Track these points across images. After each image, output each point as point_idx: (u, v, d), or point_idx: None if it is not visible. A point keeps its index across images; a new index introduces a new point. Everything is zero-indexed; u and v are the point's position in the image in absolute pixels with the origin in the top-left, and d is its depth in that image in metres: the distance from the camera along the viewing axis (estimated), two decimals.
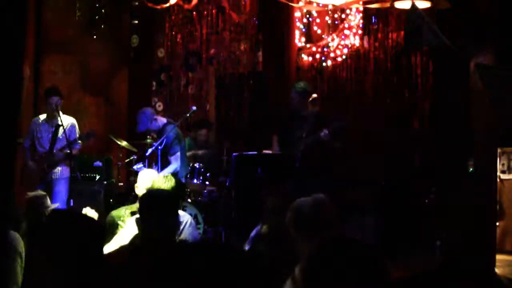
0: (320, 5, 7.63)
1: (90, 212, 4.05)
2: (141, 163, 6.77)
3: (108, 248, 4.11)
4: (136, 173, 6.66)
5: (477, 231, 6.25)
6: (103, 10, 7.80)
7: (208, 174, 7.50)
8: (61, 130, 6.60)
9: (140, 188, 4.38)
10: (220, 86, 9.09)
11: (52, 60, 8.16)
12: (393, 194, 7.33)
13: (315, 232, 2.97)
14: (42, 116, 6.86)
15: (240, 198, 7.31)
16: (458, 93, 7.06)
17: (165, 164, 6.74)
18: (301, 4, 7.87)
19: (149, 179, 4.32)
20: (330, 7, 7.70)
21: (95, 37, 8.08)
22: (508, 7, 6.12)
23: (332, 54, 8.15)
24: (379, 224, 6.93)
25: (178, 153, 6.76)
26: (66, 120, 6.70)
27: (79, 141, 6.71)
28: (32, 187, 6.81)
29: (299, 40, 8.17)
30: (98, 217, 4.13)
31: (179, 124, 7.08)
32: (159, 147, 6.56)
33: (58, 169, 6.72)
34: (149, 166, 6.81)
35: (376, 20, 7.91)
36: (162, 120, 7.04)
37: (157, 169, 6.49)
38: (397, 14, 7.51)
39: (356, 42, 8.06)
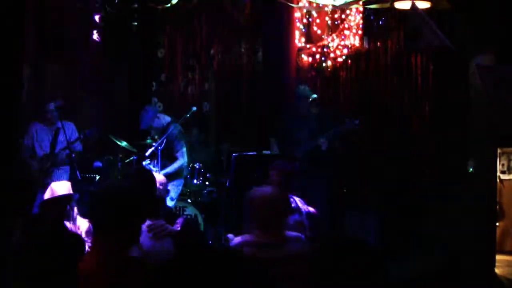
0: (320, 5, 7.63)
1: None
2: (148, 160, 6.76)
3: None
4: None
5: (477, 231, 6.25)
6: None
7: (208, 175, 7.49)
8: (61, 132, 6.58)
9: None
10: (220, 86, 9.07)
11: (52, 60, 8.15)
12: (393, 194, 7.32)
13: None
14: (41, 120, 6.83)
15: (240, 198, 7.29)
16: (458, 93, 7.06)
17: (166, 162, 6.74)
18: (301, 4, 7.87)
19: None
20: (330, 7, 7.70)
21: (95, 37, 8.07)
22: (508, 7, 6.13)
23: (332, 55, 8.15)
24: (379, 224, 6.93)
25: (184, 149, 6.76)
26: (66, 124, 6.64)
27: (81, 137, 6.67)
28: (35, 190, 6.81)
29: (299, 41, 8.16)
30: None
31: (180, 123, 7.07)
32: (159, 147, 6.55)
33: (59, 170, 6.71)
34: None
35: (376, 20, 7.90)
36: (166, 118, 7.02)
37: (158, 169, 6.48)
38: (397, 14, 7.52)
39: (356, 42, 8.06)
